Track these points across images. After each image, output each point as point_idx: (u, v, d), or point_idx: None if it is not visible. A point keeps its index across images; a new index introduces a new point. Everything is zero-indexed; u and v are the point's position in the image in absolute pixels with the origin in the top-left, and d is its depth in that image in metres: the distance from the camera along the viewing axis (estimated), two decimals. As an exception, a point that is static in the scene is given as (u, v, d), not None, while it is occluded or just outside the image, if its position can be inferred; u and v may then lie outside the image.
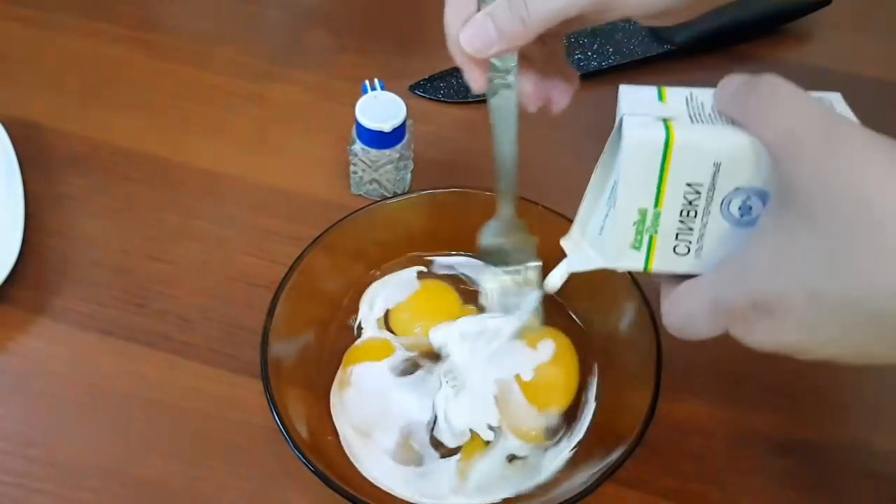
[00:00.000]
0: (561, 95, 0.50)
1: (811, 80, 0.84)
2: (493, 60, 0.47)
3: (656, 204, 0.42)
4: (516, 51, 0.46)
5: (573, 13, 0.43)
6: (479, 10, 0.46)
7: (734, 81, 0.40)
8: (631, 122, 0.41)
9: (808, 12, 0.81)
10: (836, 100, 0.43)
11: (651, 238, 0.42)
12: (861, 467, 0.55)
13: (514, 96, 0.48)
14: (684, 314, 0.41)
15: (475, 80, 0.48)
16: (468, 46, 0.45)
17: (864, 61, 0.80)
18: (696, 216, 0.42)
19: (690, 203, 0.41)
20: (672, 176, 0.41)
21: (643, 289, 0.54)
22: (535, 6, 0.43)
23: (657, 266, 0.43)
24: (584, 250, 0.46)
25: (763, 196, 0.40)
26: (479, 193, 0.59)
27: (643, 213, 0.42)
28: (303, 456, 0.48)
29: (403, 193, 0.67)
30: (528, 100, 0.49)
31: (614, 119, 0.42)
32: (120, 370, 0.59)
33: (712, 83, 0.44)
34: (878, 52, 0.82)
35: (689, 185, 0.41)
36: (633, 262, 0.43)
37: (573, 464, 0.53)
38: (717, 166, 0.40)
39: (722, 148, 0.40)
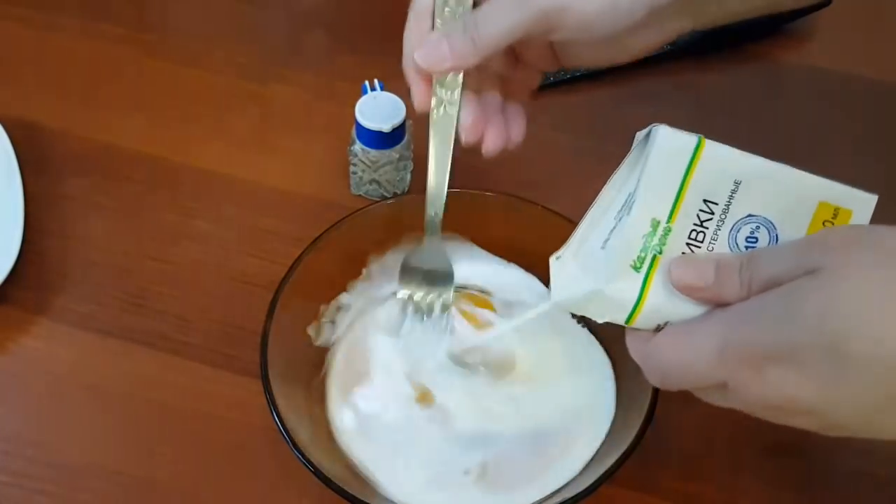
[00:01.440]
0: (494, 139, 0.52)
1: (811, 80, 0.85)
2: (438, 83, 0.49)
3: (669, 218, 0.41)
4: (461, 70, 0.49)
5: (518, 34, 0.46)
6: (433, 29, 0.49)
7: None
8: (665, 128, 0.42)
9: (808, 12, 0.81)
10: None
11: (654, 259, 0.42)
12: (861, 467, 0.55)
13: (454, 117, 0.50)
14: (680, 359, 0.39)
15: (420, 97, 0.50)
16: (423, 62, 0.48)
17: (864, 61, 0.80)
18: (703, 241, 0.41)
19: (702, 224, 0.41)
20: (692, 187, 0.41)
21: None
22: (485, 27, 0.46)
23: (652, 297, 0.42)
24: (571, 272, 0.45)
25: (770, 229, 0.41)
26: (479, 194, 0.59)
27: (655, 224, 0.42)
28: (302, 456, 0.48)
29: (403, 194, 0.67)
30: (463, 129, 0.51)
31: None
32: (119, 370, 0.59)
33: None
34: (878, 52, 0.81)
35: (705, 201, 0.41)
36: (627, 285, 0.42)
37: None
38: (737, 185, 0.41)
39: (746, 166, 0.41)
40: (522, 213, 0.57)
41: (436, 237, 0.55)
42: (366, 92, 0.65)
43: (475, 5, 0.48)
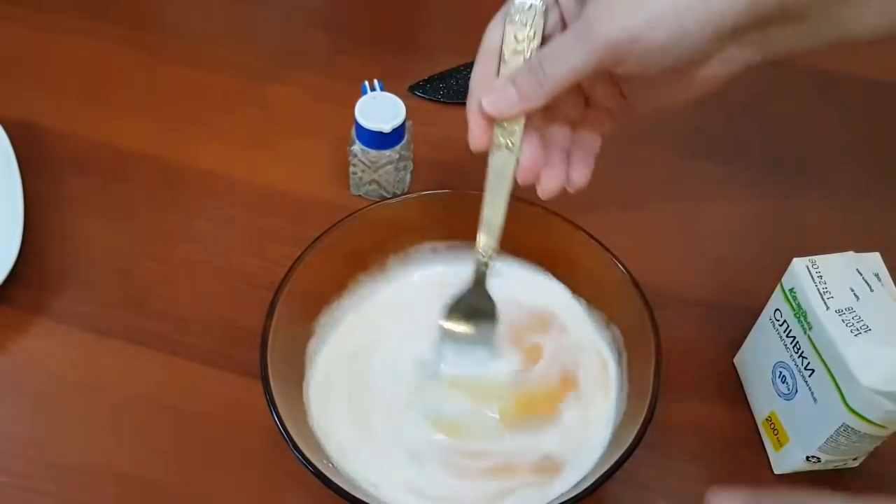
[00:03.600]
0: (549, 181, 0.51)
1: (811, 80, 0.85)
2: (501, 124, 0.49)
3: None
4: (523, 115, 0.49)
5: (587, 70, 0.46)
6: (498, 73, 0.48)
7: None
8: None
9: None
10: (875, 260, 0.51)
11: None
12: (860, 468, 0.55)
13: (513, 160, 0.50)
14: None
15: (479, 138, 0.50)
16: (491, 109, 0.48)
17: (863, 62, 0.80)
18: None
19: None
20: None
21: (643, 289, 0.54)
22: (550, 66, 0.46)
23: None
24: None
25: None
26: (480, 195, 0.59)
27: None
28: (302, 456, 0.48)
29: (403, 194, 0.67)
30: (520, 170, 0.51)
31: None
32: (119, 371, 0.59)
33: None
34: (877, 53, 0.81)
35: None
36: None
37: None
38: None
39: None
40: (521, 213, 0.57)
41: (482, 283, 0.55)
42: (366, 92, 0.65)
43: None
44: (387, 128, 0.63)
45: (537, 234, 0.58)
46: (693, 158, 0.73)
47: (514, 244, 0.57)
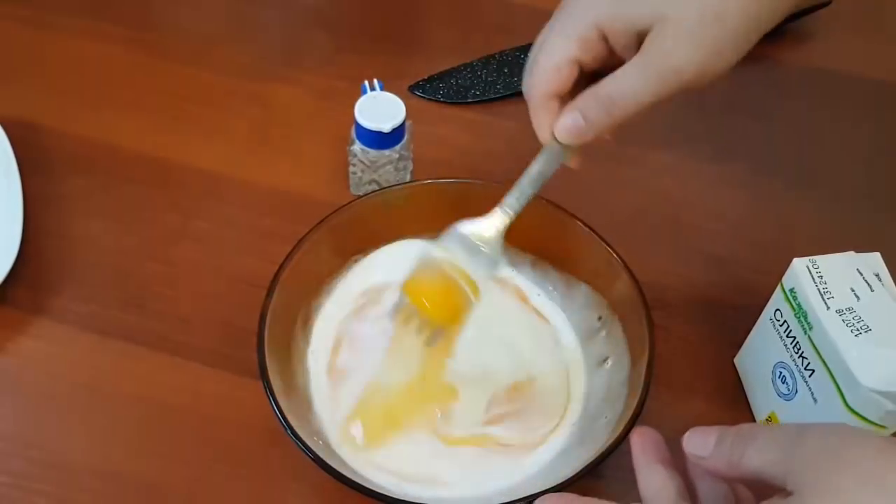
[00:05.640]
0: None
1: (811, 80, 0.85)
2: None
3: None
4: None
5: (653, 102, 0.47)
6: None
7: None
8: None
9: (808, 12, 0.81)
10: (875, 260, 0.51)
11: None
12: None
13: (567, 155, 0.51)
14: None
15: (543, 130, 0.50)
16: (562, 135, 0.49)
17: (864, 62, 0.80)
18: None
19: None
20: None
21: (642, 288, 0.54)
22: (621, 101, 0.47)
23: None
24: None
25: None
26: (473, 183, 0.59)
27: None
28: (308, 451, 0.48)
29: (400, 184, 0.67)
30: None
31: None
32: (119, 371, 0.59)
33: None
34: (878, 53, 0.82)
35: None
36: None
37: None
38: None
39: None
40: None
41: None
42: (365, 92, 0.65)
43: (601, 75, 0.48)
44: (387, 128, 0.63)
45: (538, 224, 0.58)
46: (694, 158, 0.73)
47: (515, 236, 0.57)
